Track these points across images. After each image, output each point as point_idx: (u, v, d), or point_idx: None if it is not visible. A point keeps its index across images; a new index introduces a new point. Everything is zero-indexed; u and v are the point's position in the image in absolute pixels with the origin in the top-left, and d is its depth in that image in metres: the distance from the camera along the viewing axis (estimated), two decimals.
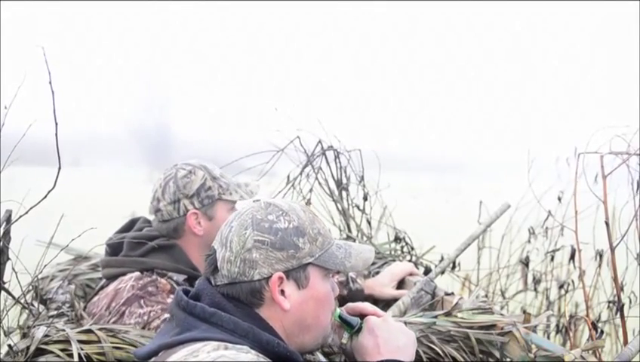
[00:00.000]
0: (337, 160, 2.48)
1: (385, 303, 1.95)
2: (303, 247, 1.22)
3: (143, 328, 1.62)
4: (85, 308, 1.81)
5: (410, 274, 2.04)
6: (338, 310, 1.33)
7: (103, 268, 1.82)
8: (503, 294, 3.03)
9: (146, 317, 1.64)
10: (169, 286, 1.72)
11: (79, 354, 1.38)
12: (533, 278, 2.86)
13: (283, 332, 1.22)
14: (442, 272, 2.10)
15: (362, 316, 1.35)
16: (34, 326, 1.50)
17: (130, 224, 1.91)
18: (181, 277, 1.77)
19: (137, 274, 1.73)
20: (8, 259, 1.51)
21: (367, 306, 1.39)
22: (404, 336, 1.30)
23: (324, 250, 1.25)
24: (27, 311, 1.65)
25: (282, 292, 1.21)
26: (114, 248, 1.83)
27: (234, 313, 1.18)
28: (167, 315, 1.62)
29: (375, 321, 1.32)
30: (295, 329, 1.24)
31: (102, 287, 1.81)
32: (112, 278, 1.77)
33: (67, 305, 1.85)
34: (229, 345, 1.11)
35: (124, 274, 1.75)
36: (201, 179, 1.84)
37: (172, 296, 1.68)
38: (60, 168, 1.45)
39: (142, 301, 1.66)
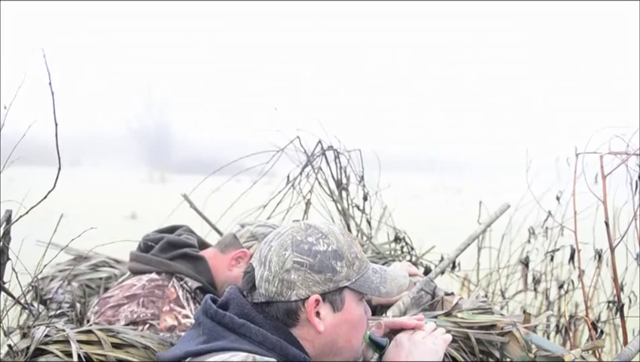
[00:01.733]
0: (337, 160, 2.48)
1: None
2: (340, 271, 1.23)
3: (128, 324, 1.65)
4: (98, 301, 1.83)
5: (410, 275, 2.04)
6: (367, 331, 1.33)
7: (130, 261, 1.88)
8: (503, 294, 3.03)
9: (135, 316, 1.67)
10: (175, 295, 1.75)
11: (79, 354, 1.38)
12: (533, 278, 2.86)
13: (313, 352, 1.23)
14: (442, 272, 2.10)
15: (401, 330, 1.35)
16: (34, 326, 1.50)
17: (172, 228, 1.97)
18: (195, 285, 1.81)
19: (154, 275, 1.78)
20: (8, 259, 1.51)
21: (409, 322, 1.37)
22: (426, 348, 1.29)
23: (360, 275, 1.26)
24: (27, 311, 1.65)
25: (317, 314, 1.22)
26: (148, 244, 1.89)
27: (263, 325, 1.20)
28: (153, 322, 1.66)
29: (403, 335, 1.33)
30: (326, 351, 1.24)
31: (122, 281, 1.85)
32: (135, 273, 1.83)
33: (67, 305, 1.86)
34: (257, 357, 1.12)
35: (147, 272, 1.80)
36: None
37: (172, 304, 1.72)
38: (60, 168, 1.45)
39: (142, 300, 1.71)
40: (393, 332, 1.37)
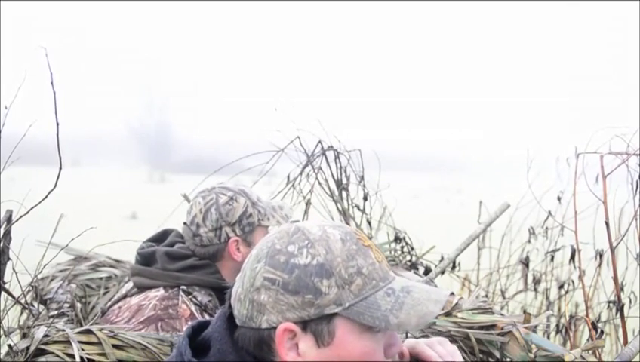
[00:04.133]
0: (337, 160, 2.48)
1: None
2: (326, 292, 0.94)
3: None
4: (104, 313, 1.80)
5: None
6: None
7: (133, 276, 1.81)
8: (503, 294, 3.03)
9: None
10: (189, 311, 1.70)
11: (79, 355, 1.38)
12: (533, 278, 2.86)
13: None
14: (442, 272, 2.11)
15: None
16: (34, 327, 1.50)
17: (162, 235, 1.90)
18: (205, 299, 1.76)
19: (162, 292, 1.73)
20: (8, 259, 1.51)
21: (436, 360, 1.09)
22: None
23: (361, 297, 0.95)
24: (27, 311, 1.65)
25: (296, 347, 0.96)
26: (145, 258, 1.82)
27: None
28: None
29: None
30: None
31: (125, 296, 1.79)
32: (141, 288, 1.77)
33: (67, 305, 1.85)
34: None
35: (154, 287, 1.75)
36: (242, 206, 1.84)
37: (189, 322, 1.65)
38: (60, 168, 1.45)
39: (160, 324, 1.65)
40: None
